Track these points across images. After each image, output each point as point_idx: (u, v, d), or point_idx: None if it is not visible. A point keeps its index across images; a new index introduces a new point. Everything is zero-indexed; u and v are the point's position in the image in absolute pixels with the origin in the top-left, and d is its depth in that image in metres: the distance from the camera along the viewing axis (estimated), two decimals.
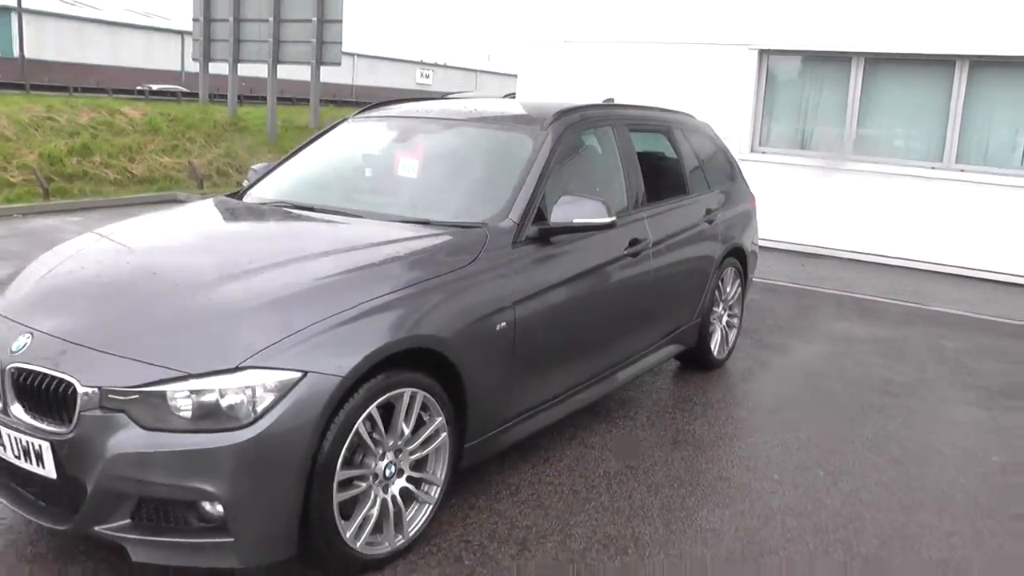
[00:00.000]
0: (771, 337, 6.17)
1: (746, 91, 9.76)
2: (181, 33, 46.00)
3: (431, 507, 3.07)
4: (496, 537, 3.17)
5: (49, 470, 2.61)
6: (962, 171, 8.59)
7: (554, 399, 3.73)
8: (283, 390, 2.51)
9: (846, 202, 9.17)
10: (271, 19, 18.33)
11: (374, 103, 4.88)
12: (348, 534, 2.74)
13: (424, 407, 2.95)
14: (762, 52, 9.69)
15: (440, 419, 3.01)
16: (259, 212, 3.86)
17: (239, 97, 20.50)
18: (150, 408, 2.49)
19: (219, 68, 19.57)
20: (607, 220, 3.61)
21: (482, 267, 3.26)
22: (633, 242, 4.18)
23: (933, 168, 8.74)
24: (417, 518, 3.02)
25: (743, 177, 5.89)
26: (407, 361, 2.86)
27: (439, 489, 3.09)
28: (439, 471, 3.07)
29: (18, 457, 2.69)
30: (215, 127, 17.51)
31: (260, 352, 2.54)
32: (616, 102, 4.84)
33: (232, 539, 2.52)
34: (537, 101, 4.85)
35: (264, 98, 26.81)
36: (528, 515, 3.35)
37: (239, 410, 2.48)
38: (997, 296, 7.94)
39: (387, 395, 2.78)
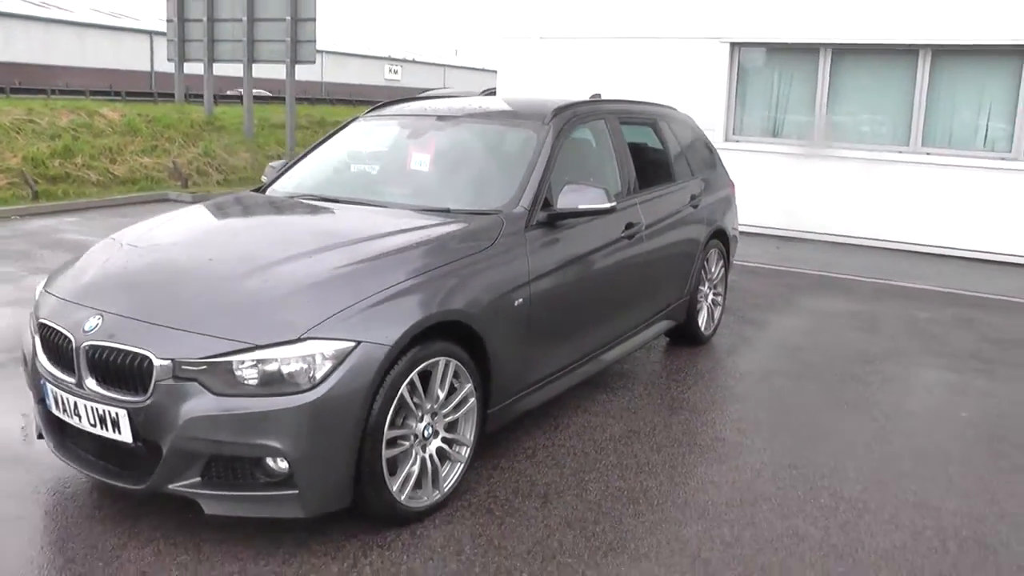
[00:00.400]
0: (752, 314, 6.56)
1: (719, 83, 10.16)
2: (150, 33, 45.67)
3: (462, 466, 3.40)
4: (520, 492, 3.51)
5: (125, 435, 2.90)
6: (928, 154, 9.05)
7: (563, 370, 4.07)
8: (340, 358, 2.83)
9: (818, 187, 9.61)
10: (245, 19, 18.43)
11: (382, 103, 5.17)
12: (394, 488, 3.06)
13: (455, 375, 3.27)
14: (733, 45, 10.09)
15: (469, 386, 3.34)
16: (289, 204, 4.16)
17: (214, 97, 20.56)
18: (220, 376, 2.79)
19: (192, 68, 19.62)
20: (608, 205, 3.96)
21: (500, 249, 3.59)
22: (628, 225, 4.54)
23: (900, 152, 9.20)
24: (451, 475, 3.35)
25: (723, 165, 6.26)
26: (441, 333, 3.19)
27: (469, 449, 3.42)
28: (468, 433, 3.40)
29: (94, 425, 2.97)
30: (192, 127, 17.59)
31: (319, 324, 2.86)
32: (603, 98, 5.19)
33: (296, 491, 2.84)
34: (532, 98, 5.19)
35: (237, 97, 26.87)
36: (546, 473, 3.69)
37: (301, 376, 2.80)
38: (963, 271, 8.41)
39: (425, 363, 3.10)
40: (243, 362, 2.79)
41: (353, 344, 2.87)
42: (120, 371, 2.91)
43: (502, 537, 3.15)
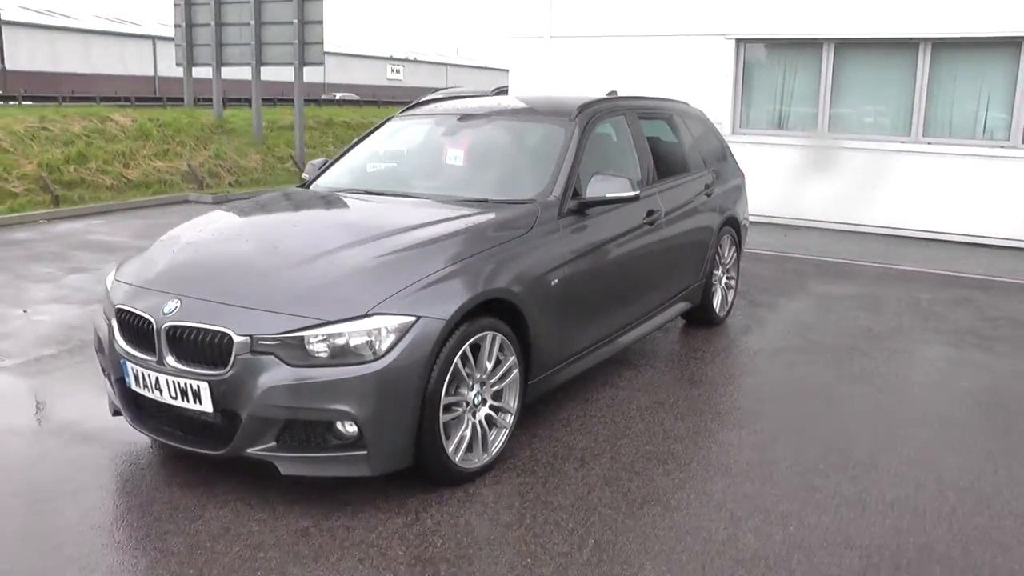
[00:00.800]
0: (762, 297, 6.88)
1: (725, 78, 10.47)
2: (152, 38, 46.03)
3: (507, 432, 3.73)
4: (559, 456, 3.84)
5: (206, 405, 3.23)
6: (928, 143, 9.36)
7: (592, 346, 4.40)
8: (402, 331, 3.16)
9: (822, 177, 9.91)
10: (252, 23, 18.75)
11: (413, 103, 5.49)
12: (450, 450, 3.39)
13: (501, 348, 3.60)
14: (739, 41, 10.40)
15: (512, 358, 3.67)
16: (338, 198, 4.49)
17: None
18: (294, 350, 3.12)
19: (199, 72, 19.92)
20: (632, 193, 4.28)
21: (537, 234, 3.92)
22: (649, 213, 4.86)
23: (902, 142, 9.51)
24: (497, 440, 3.68)
25: (733, 156, 6.58)
26: (488, 310, 3.52)
27: (512, 417, 3.74)
28: (512, 401, 3.73)
29: (175, 398, 3.30)
30: (203, 130, 17.93)
31: (383, 302, 3.19)
32: (619, 94, 5.51)
33: (365, 452, 3.17)
34: (555, 96, 5.52)
35: (243, 100, 27.18)
36: (581, 440, 4.02)
37: (367, 348, 3.13)
38: (962, 255, 8.72)
39: (475, 337, 3.43)
40: (316, 336, 3.12)
41: (414, 319, 3.19)
42: (200, 348, 3.24)
43: (547, 494, 3.48)
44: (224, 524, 3.21)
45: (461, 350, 3.37)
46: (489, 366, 3.57)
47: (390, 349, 3.14)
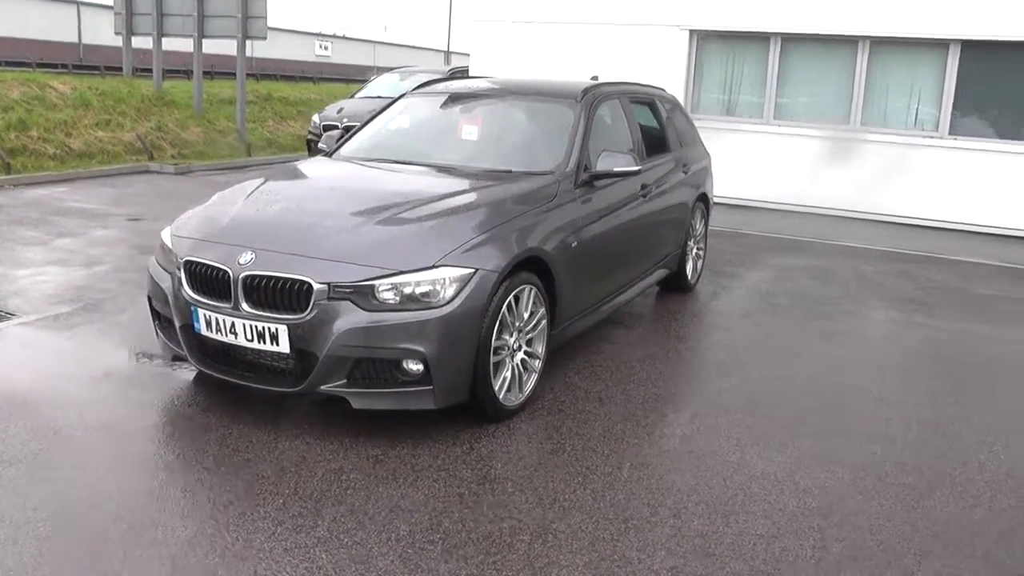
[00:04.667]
0: (724, 268, 7.51)
1: (679, 66, 11.07)
2: (76, 3, 44.24)
3: (536, 376, 4.20)
4: (579, 398, 4.34)
5: (283, 346, 3.60)
6: (866, 131, 10.17)
7: (597, 303, 4.92)
8: (464, 281, 3.60)
9: (770, 160, 10.64)
10: None
11: (424, 82, 5.84)
12: (496, 388, 3.85)
13: (534, 300, 4.07)
14: (692, 32, 11.02)
15: (542, 309, 4.14)
16: (374, 166, 4.88)
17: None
18: (369, 296, 3.52)
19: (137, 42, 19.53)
20: (636, 168, 4.80)
21: (560, 202, 4.40)
22: (643, 187, 5.39)
23: (840, 130, 10.29)
24: (529, 382, 4.15)
25: (700, 138, 7.16)
26: (526, 266, 3.97)
27: (540, 362, 4.22)
28: (540, 348, 4.20)
29: (250, 340, 3.66)
30: (143, 101, 17.68)
31: (447, 255, 3.63)
32: (600, 80, 6.00)
33: (431, 387, 3.60)
34: (555, 79, 5.98)
35: (181, 72, 26.61)
36: (594, 385, 4.53)
37: (434, 295, 3.55)
38: (897, 233, 9.55)
39: (516, 289, 3.89)
40: (390, 284, 3.53)
41: (472, 271, 3.64)
42: (278, 295, 3.60)
43: (577, 427, 3.98)
44: (300, 453, 3.59)
45: (507, 300, 3.82)
46: (526, 315, 4.03)
47: (454, 296, 3.57)
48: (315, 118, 13.16)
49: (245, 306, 3.66)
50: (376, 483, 3.37)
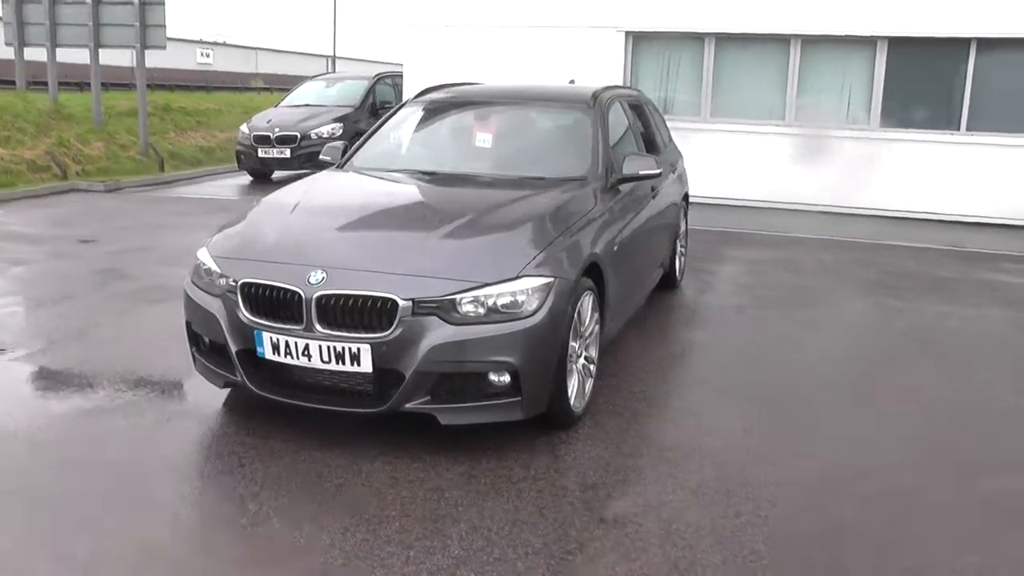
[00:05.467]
0: (699, 264, 7.72)
1: (616, 68, 11.31)
2: None
3: (592, 380, 4.23)
4: (626, 398, 4.40)
5: (364, 366, 3.50)
6: (801, 127, 10.66)
7: (627, 304, 4.99)
8: (547, 290, 3.59)
9: (708, 157, 10.99)
10: (89, 1, 17.59)
11: (425, 89, 5.75)
12: (569, 393, 3.86)
13: (592, 305, 4.09)
14: (628, 33, 11.27)
15: (597, 314, 4.18)
16: (400, 178, 4.79)
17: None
18: (456, 310, 3.47)
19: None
20: (659, 171, 4.91)
21: (602, 207, 4.45)
22: (652, 187, 5.49)
23: (777, 125, 10.76)
24: (587, 387, 4.17)
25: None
26: (585, 271, 4.00)
27: (595, 366, 4.25)
28: (595, 352, 4.24)
29: (327, 362, 3.54)
30: (40, 116, 16.71)
31: (527, 265, 3.61)
32: (576, 84, 6.11)
33: (520, 398, 3.58)
34: (561, 85, 6.02)
35: (73, 84, 25.11)
36: (635, 385, 4.60)
37: (519, 306, 3.53)
38: (835, 223, 10.06)
39: (582, 295, 3.91)
40: (475, 297, 3.48)
41: (552, 279, 3.63)
42: (357, 313, 3.49)
43: (639, 427, 4.05)
44: (387, 474, 3.49)
45: (577, 306, 3.84)
46: (587, 321, 4.05)
47: (540, 306, 3.56)
48: (244, 129, 12.74)
49: (319, 327, 3.54)
50: (481, 499, 3.32)
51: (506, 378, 3.56)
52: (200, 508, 3.24)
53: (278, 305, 3.63)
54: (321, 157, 5.42)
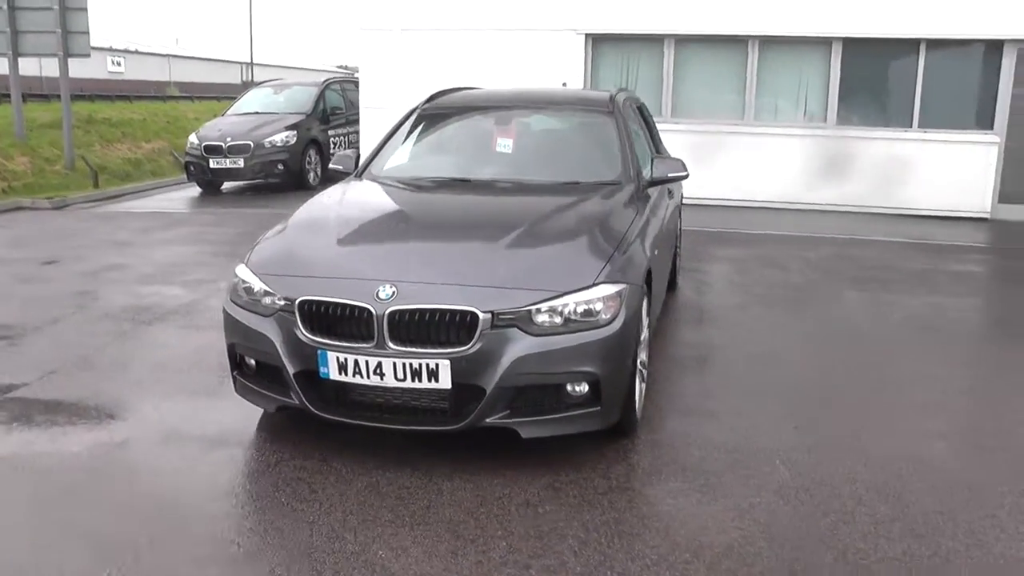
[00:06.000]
0: (688, 264, 7.81)
1: (576, 70, 11.35)
2: None
3: (645, 383, 4.21)
4: (664, 400, 4.40)
5: (443, 382, 3.39)
6: (759, 126, 10.91)
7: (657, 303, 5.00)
8: (621, 297, 3.55)
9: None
10: (5, 6, 16.71)
11: (434, 94, 5.63)
12: (636, 400, 3.83)
13: (647, 310, 4.08)
14: (588, 35, 11.33)
15: (648, 319, 4.16)
16: (441, 183, 4.71)
17: None
18: (535, 320, 3.40)
19: None
20: (687, 173, 4.92)
21: (641, 210, 4.44)
22: (670, 190, 5.53)
23: (736, 125, 10.98)
24: (642, 392, 4.15)
25: None
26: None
27: (646, 372, 4.23)
28: (645, 357, 4.22)
29: (401, 379, 3.41)
30: None
31: (601, 272, 3.57)
32: (568, 86, 6.12)
33: (599, 408, 3.53)
34: (575, 88, 5.98)
35: None
36: (672, 387, 4.61)
37: (595, 314, 3.48)
38: (802, 220, 10.29)
39: (645, 299, 3.89)
40: (554, 307, 3.42)
41: (625, 286, 3.60)
42: (432, 328, 3.38)
43: (699, 429, 4.05)
44: (471, 492, 3.38)
45: (643, 312, 3.81)
46: (643, 326, 4.03)
47: (616, 314, 3.52)
48: (192, 139, 12.29)
49: (391, 344, 3.41)
50: (577, 511, 3.26)
51: (584, 388, 3.50)
52: (292, 541, 3.07)
53: (343, 323, 3.49)
54: (332, 166, 5.25)
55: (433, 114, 5.42)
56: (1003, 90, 10.22)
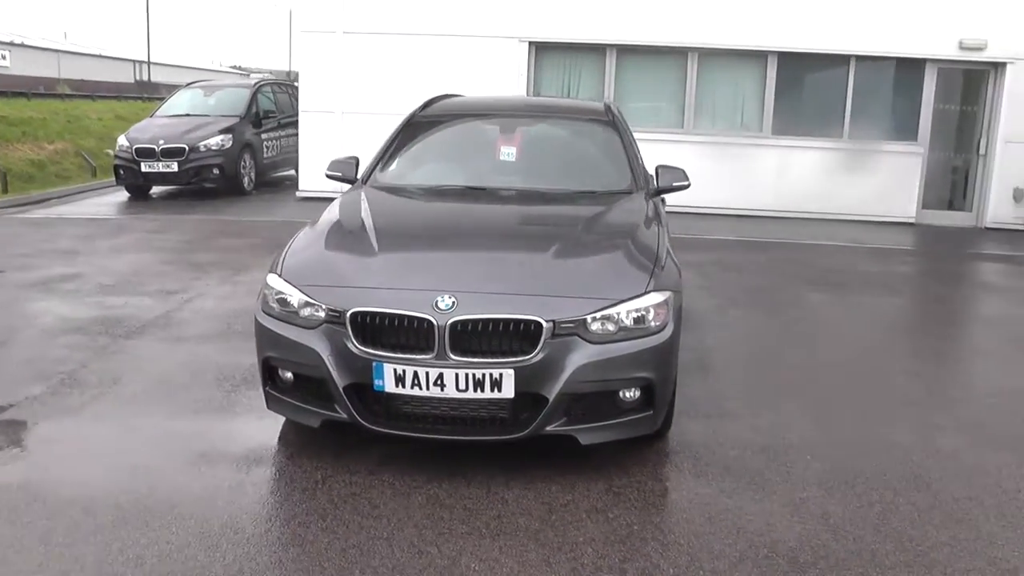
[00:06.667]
0: None
1: (519, 78, 11.46)
2: None
3: None
4: (677, 403, 4.54)
5: (506, 392, 3.40)
6: (698, 135, 11.27)
7: None
8: (668, 303, 3.66)
9: None
10: None
11: (428, 101, 5.61)
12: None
13: None
14: (531, 43, 11.46)
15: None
16: (455, 196, 4.72)
17: None
18: (594, 328, 3.46)
19: None
20: (689, 182, 5.08)
21: (660, 218, 4.57)
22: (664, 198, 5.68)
23: (675, 133, 11.31)
24: None
25: None
26: None
27: None
28: None
29: (463, 390, 3.41)
30: None
31: (651, 280, 3.66)
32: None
33: (651, 412, 3.62)
34: (562, 98, 6.06)
35: None
36: (689, 390, 4.76)
37: (648, 320, 3.57)
38: (744, 226, 10.72)
39: None
40: (608, 315, 3.49)
41: (671, 293, 3.71)
42: (494, 338, 3.40)
43: (722, 426, 4.20)
44: (536, 500, 3.41)
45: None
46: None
47: (666, 320, 3.61)
48: (122, 141, 11.74)
49: (452, 355, 3.41)
50: (645, 514, 3.34)
51: (636, 393, 3.58)
52: (377, 559, 3.01)
53: (399, 334, 3.45)
54: (329, 173, 5.13)
55: (430, 121, 5.41)
56: (925, 104, 10.96)
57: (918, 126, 11.02)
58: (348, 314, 3.49)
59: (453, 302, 3.43)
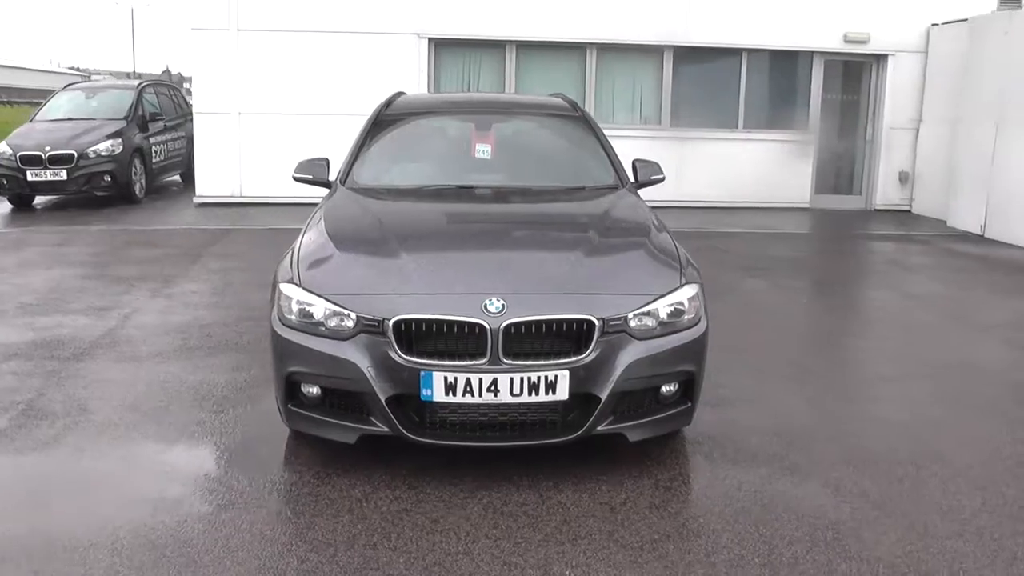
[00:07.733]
0: None
1: (419, 74, 11.30)
2: None
3: None
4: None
5: (560, 394, 3.37)
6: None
7: None
8: (698, 297, 3.73)
9: None
10: None
11: (391, 98, 5.42)
12: None
13: None
14: (430, 40, 11.33)
15: None
16: (452, 196, 4.65)
17: None
18: (640, 324, 3.49)
19: None
20: (664, 176, 5.21)
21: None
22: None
23: None
24: None
25: None
26: None
27: None
28: None
29: (517, 394, 3.34)
30: None
31: (683, 274, 3.73)
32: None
33: (690, 404, 3.69)
34: (525, 94, 6.01)
35: None
36: None
37: (683, 315, 3.63)
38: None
39: None
40: (648, 311, 3.52)
41: (699, 285, 3.79)
42: (545, 339, 3.37)
43: (735, 417, 4.35)
44: (594, 500, 3.41)
45: None
46: None
47: (698, 312, 3.69)
48: (3, 148, 10.67)
49: (505, 359, 3.34)
50: (703, 506, 3.42)
51: (675, 387, 3.64)
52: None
53: (447, 340, 3.35)
54: (297, 175, 4.87)
55: (397, 118, 5.27)
56: (814, 95, 11.69)
57: (808, 116, 11.73)
58: (391, 322, 3.35)
59: (503, 305, 3.36)
